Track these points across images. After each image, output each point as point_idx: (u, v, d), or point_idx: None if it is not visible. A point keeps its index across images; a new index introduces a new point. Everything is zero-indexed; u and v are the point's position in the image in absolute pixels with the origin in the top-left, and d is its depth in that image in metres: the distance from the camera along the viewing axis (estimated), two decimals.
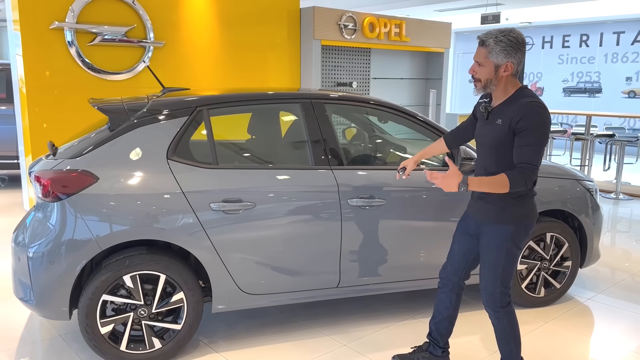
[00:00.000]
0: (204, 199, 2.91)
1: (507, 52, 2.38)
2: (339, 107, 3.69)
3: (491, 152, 2.52)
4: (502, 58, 2.39)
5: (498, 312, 2.62)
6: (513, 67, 2.41)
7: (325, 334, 3.37)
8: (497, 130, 2.45)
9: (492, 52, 2.40)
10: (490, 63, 2.41)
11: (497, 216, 2.52)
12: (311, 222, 3.12)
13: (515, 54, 2.38)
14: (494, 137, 2.47)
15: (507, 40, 2.37)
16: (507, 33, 2.39)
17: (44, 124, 5.01)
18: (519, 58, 2.41)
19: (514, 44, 2.37)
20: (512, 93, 2.45)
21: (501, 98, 2.48)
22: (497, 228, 2.53)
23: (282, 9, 6.56)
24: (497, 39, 2.38)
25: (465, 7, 9.72)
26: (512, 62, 2.39)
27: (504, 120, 2.41)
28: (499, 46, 2.38)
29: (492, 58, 2.40)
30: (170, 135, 2.97)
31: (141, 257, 2.86)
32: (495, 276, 2.56)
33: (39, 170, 2.90)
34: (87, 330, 2.82)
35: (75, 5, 5.03)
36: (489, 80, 2.44)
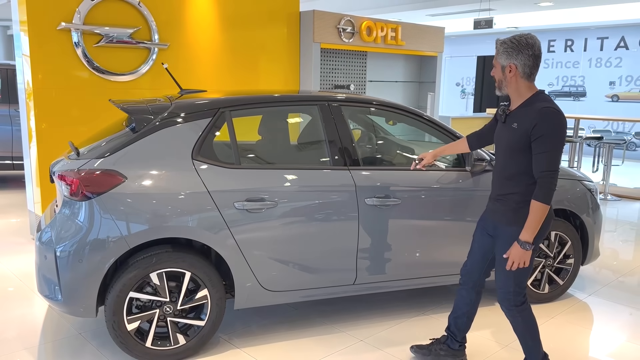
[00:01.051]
0: (228, 198, 2.99)
1: (508, 53, 2.45)
2: (354, 110, 3.78)
3: (506, 155, 2.59)
4: (504, 59, 2.48)
5: (512, 310, 2.70)
6: (517, 69, 2.46)
7: (341, 330, 3.46)
8: (513, 134, 2.51)
9: (498, 53, 2.52)
10: (497, 64, 2.54)
11: (512, 218, 2.59)
12: (329, 221, 3.22)
13: (517, 55, 2.44)
14: (509, 141, 2.53)
15: (510, 42, 2.45)
16: (514, 36, 2.47)
17: (50, 124, 5.01)
18: (522, 60, 2.44)
19: (515, 46, 2.43)
20: (527, 97, 2.51)
21: (517, 101, 2.55)
22: (511, 230, 2.58)
23: (282, 12, 6.64)
24: (503, 42, 2.49)
25: (458, 12, 9.92)
26: (514, 64, 2.45)
27: (519, 124, 2.48)
28: (502, 47, 2.48)
29: (499, 59, 2.52)
30: (195, 136, 3.04)
31: (168, 255, 2.92)
32: (509, 275, 2.62)
33: (63, 170, 2.94)
34: (114, 327, 2.87)
35: (82, 7, 5.04)
36: (500, 81, 2.55)
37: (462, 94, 15.46)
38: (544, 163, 2.41)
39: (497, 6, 9.12)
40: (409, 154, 4.05)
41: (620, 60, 12.40)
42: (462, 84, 15.49)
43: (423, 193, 3.44)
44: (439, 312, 3.74)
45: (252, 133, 3.88)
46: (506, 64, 2.48)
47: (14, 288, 4.06)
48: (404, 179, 3.42)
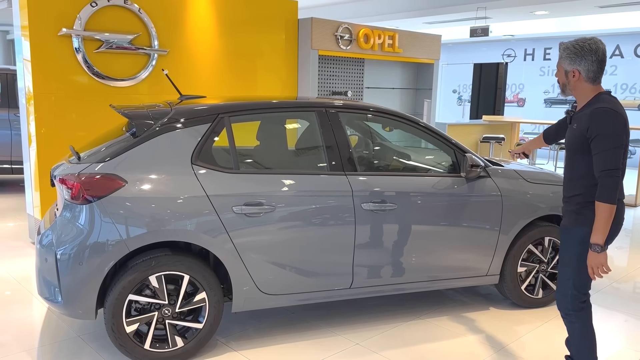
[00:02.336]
0: (226, 202, 3.03)
1: (571, 59, 2.45)
2: (352, 116, 3.84)
3: (569, 156, 2.61)
4: (567, 64, 2.48)
5: (570, 315, 2.62)
6: (580, 74, 2.46)
7: (337, 333, 3.50)
8: (573, 135, 2.53)
9: (561, 58, 2.52)
10: (561, 69, 2.55)
11: (574, 219, 2.57)
12: (326, 225, 3.27)
13: (580, 61, 2.43)
14: (571, 142, 2.56)
15: (572, 48, 2.45)
16: (577, 41, 2.46)
17: (50, 128, 5.05)
18: (585, 65, 2.43)
19: (578, 51, 2.43)
20: (590, 99, 2.51)
21: (582, 103, 2.55)
22: (573, 230, 2.57)
23: (281, 19, 6.72)
24: (566, 46, 2.48)
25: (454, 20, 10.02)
26: (577, 69, 2.46)
27: (578, 125, 2.50)
28: (565, 53, 2.48)
29: (562, 64, 2.52)
30: (194, 141, 3.09)
31: (167, 258, 2.96)
32: (568, 277, 2.57)
33: (65, 174, 2.99)
34: (114, 329, 2.91)
35: (83, 13, 5.10)
36: (563, 84, 2.56)
37: (459, 101, 15.55)
38: (601, 163, 2.40)
39: (493, 14, 9.22)
40: (405, 160, 4.11)
41: (616, 68, 12.52)
42: (459, 90, 15.59)
43: (419, 198, 3.49)
44: (435, 316, 3.79)
45: (252, 138, 3.94)
46: (569, 69, 2.48)
47: (12, 291, 4.09)
48: (400, 185, 3.47)
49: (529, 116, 13.75)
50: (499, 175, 3.74)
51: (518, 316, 3.82)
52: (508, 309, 3.94)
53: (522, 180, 3.81)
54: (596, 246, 2.42)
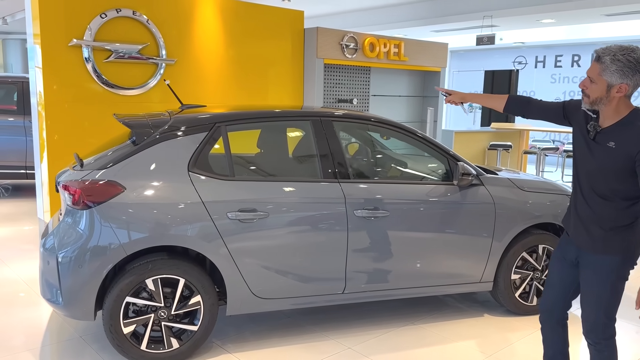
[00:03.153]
0: (221, 208, 3.14)
1: (624, 72, 2.19)
2: (345, 125, 3.93)
3: (601, 175, 2.33)
4: (616, 78, 2.20)
5: (600, 344, 2.46)
6: (628, 89, 2.23)
7: (331, 337, 3.58)
8: (610, 155, 2.27)
9: (607, 70, 2.21)
10: (602, 81, 2.24)
11: (603, 245, 2.36)
12: (319, 232, 3.35)
13: (633, 75, 2.19)
14: (606, 161, 2.29)
15: (626, 60, 2.17)
16: (628, 52, 2.19)
17: (61, 135, 5.22)
18: (636, 80, 2.21)
19: (633, 65, 2.18)
20: (625, 114, 2.28)
21: (612, 118, 2.30)
22: (602, 259, 2.37)
23: (287, 29, 6.84)
24: (614, 57, 2.19)
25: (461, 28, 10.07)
26: (627, 84, 2.21)
27: (618, 144, 2.25)
28: (615, 65, 2.19)
29: (606, 77, 2.22)
30: (191, 149, 3.20)
31: (163, 262, 3.07)
32: (598, 307, 2.40)
33: (67, 180, 3.12)
34: (111, 330, 3.02)
35: (93, 24, 5.28)
36: (598, 98, 2.28)
37: (470, 108, 15.55)
38: None
39: (500, 22, 9.26)
40: (400, 168, 4.18)
41: None
42: None
43: (411, 206, 3.56)
44: (428, 322, 3.84)
45: (250, 146, 4.05)
46: (617, 83, 2.21)
47: (20, 292, 4.23)
48: (392, 192, 3.55)
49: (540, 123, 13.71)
50: (492, 183, 3.79)
51: (511, 323, 3.86)
52: (502, 315, 3.98)
53: (516, 188, 3.86)
54: None
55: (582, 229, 2.43)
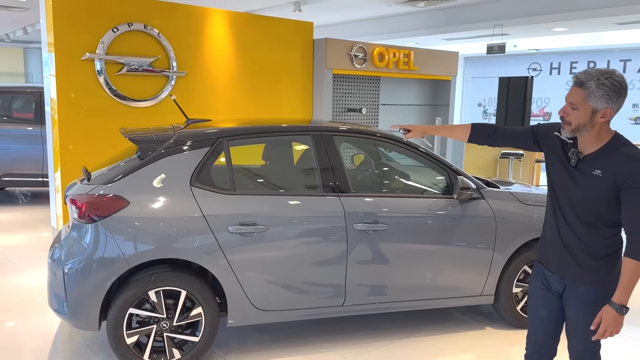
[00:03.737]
0: (222, 222, 3.21)
1: (609, 97, 2.11)
2: (346, 139, 3.98)
3: (587, 204, 2.24)
4: (602, 103, 2.12)
5: None
6: (612, 114, 2.15)
7: (330, 349, 3.62)
8: (597, 183, 2.19)
9: (592, 95, 2.13)
10: (587, 107, 2.15)
11: (590, 276, 2.27)
12: (319, 245, 3.40)
13: (617, 99, 2.13)
14: (593, 190, 2.20)
15: (611, 85, 2.11)
16: (610, 76, 2.13)
17: (72, 145, 5.37)
18: (619, 104, 2.15)
19: (618, 89, 2.12)
20: (607, 140, 2.19)
21: (594, 145, 2.21)
22: (589, 290, 2.28)
23: (297, 40, 6.93)
24: (599, 81, 2.12)
25: (472, 37, 10.06)
26: (612, 108, 2.14)
27: (605, 172, 2.16)
28: (601, 90, 2.11)
29: (591, 102, 2.13)
30: (194, 164, 3.28)
31: (165, 274, 3.16)
32: (587, 338, 2.30)
33: (75, 194, 3.23)
34: (115, 340, 3.11)
35: (106, 38, 5.42)
36: (581, 125, 2.18)
37: (484, 115, 15.47)
38: None
39: (511, 31, 9.24)
40: (401, 181, 4.21)
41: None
42: (484, 104, 15.51)
43: (410, 219, 3.60)
44: (428, 335, 3.86)
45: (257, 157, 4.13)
46: (602, 108, 2.13)
47: (32, 300, 4.36)
48: (392, 206, 3.59)
49: None
50: (493, 196, 3.81)
51: (513, 336, 3.86)
52: (504, 329, 3.98)
53: (517, 201, 3.87)
54: (622, 307, 2.15)
55: (569, 259, 2.32)
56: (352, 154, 5.23)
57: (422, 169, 4.02)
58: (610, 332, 2.18)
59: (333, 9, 9.87)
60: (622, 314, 2.15)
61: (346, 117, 7.61)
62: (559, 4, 8.08)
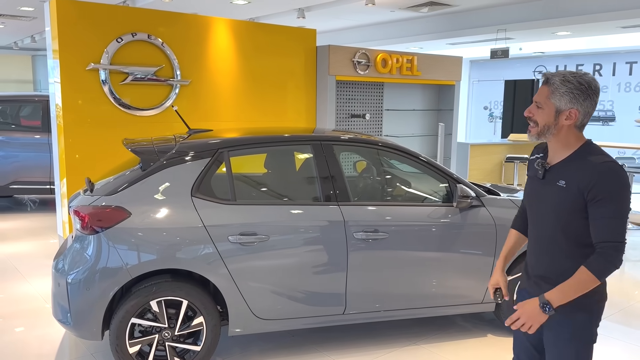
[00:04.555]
0: (222, 232, 3.25)
1: (574, 95, 1.99)
2: (346, 148, 4.01)
3: (551, 218, 2.08)
4: (565, 102, 2.00)
5: None
6: (577, 116, 2.00)
7: (331, 356, 3.64)
8: (560, 194, 2.03)
9: (556, 92, 2.01)
10: (551, 106, 2.03)
11: (565, 307, 2.02)
12: (319, 254, 3.43)
13: (584, 101, 1.99)
14: (556, 202, 2.05)
15: (577, 83, 1.99)
16: (579, 75, 2.01)
17: (77, 154, 5.44)
18: (586, 107, 2.00)
19: (584, 89, 1.98)
20: (576, 148, 2.04)
21: (561, 153, 2.07)
22: (564, 318, 2.05)
23: (300, 47, 6.97)
24: (564, 78, 2.01)
25: (476, 41, 10.07)
26: (577, 110, 2.00)
27: (569, 182, 2.00)
28: (565, 87, 2.00)
29: (555, 100, 2.02)
30: (195, 174, 3.33)
31: (167, 284, 3.20)
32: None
33: (78, 205, 3.27)
34: (117, 350, 3.15)
35: (110, 48, 5.49)
36: (546, 126, 2.05)
37: (490, 117, 15.44)
38: (607, 232, 1.94)
39: (515, 35, 9.23)
40: (401, 190, 4.23)
41: None
42: (490, 107, 15.48)
43: (410, 228, 3.62)
44: (430, 342, 3.87)
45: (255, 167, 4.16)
46: (566, 108, 2.00)
47: (38, 308, 4.42)
48: (392, 214, 3.61)
49: None
50: (493, 204, 3.82)
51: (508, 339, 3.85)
52: (506, 336, 3.98)
53: (517, 209, 3.86)
54: (548, 305, 1.97)
55: (539, 284, 2.12)
56: (355, 161, 5.26)
57: (423, 177, 4.04)
58: (523, 324, 2.01)
59: (337, 15, 9.92)
60: (545, 312, 1.97)
61: (350, 123, 7.64)
62: (562, 8, 8.07)
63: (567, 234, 2.04)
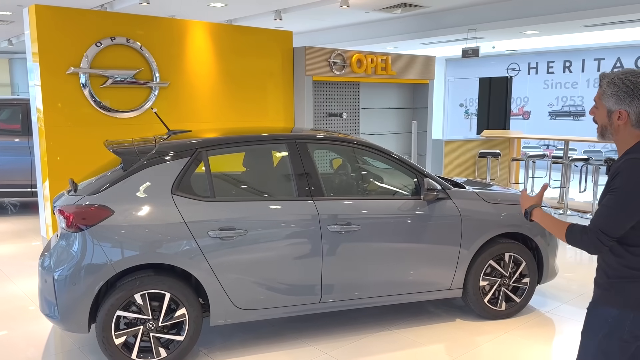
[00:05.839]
0: (202, 228, 3.42)
1: (619, 97, 2.01)
2: (320, 146, 4.21)
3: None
4: (612, 103, 2.03)
5: None
6: (628, 117, 2.02)
7: (309, 344, 3.84)
8: (604, 191, 2.09)
9: (604, 94, 2.06)
10: (603, 107, 2.08)
11: (601, 296, 2.09)
12: (295, 246, 3.63)
13: (631, 101, 1.99)
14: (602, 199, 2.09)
15: (622, 84, 2.00)
16: (627, 75, 2.01)
17: (59, 156, 5.55)
18: (636, 107, 1.99)
19: (630, 90, 1.98)
20: (630, 147, 2.05)
21: (622, 151, 2.10)
22: (596, 311, 2.10)
23: (277, 49, 7.15)
24: (612, 80, 2.03)
25: (448, 41, 10.35)
26: (626, 111, 2.01)
27: (609, 179, 2.06)
28: (611, 89, 2.03)
29: (605, 101, 2.06)
30: (175, 173, 3.49)
31: (149, 278, 3.36)
32: None
33: (62, 205, 3.42)
34: (104, 342, 3.31)
35: (89, 52, 5.61)
36: (604, 126, 2.10)
37: (466, 115, 15.80)
38: (602, 218, 1.99)
39: (485, 35, 9.53)
40: (377, 183, 4.45)
41: None
42: (466, 105, 15.83)
43: (381, 220, 3.83)
44: (403, 328, 4.10)
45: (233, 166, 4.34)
46: (615, 109, 2.04)
47: (23, 307, 4.54)
48: (363, 208, 3.82)
49: (535, 128, 13.92)
50: (459, 196, 4.05)
51: (481, 327, 4.11)
52: (474, 320, 4.22)
53: (482, 201, 4.12)
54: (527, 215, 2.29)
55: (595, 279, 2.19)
56: (331, 159, 5.48)
57: (394, 172, 4.25)
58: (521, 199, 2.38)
59: (314, 17, 10.12)
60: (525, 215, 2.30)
61: (327, 122, 7.84)
62: (529, 9, 8.39)
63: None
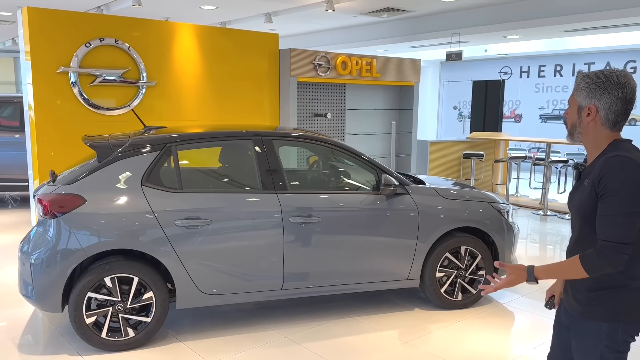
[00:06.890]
0: (169, 217, 3.68)
1: (590, 91, 1.90)
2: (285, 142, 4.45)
3: (577, 223, 2.02)
4: (583, 97, 1.92)
5: None
6: (598, 113, 1.91)
7: (272, 328, 4.09)
8: (582, 193, 1.96)
9: (577, 89, 1.96)
10: (574, 103, 1.97)
11: (586, 310, 1.99)
12: (258, 236, 3.87)
13: (601, 95, 1.88)
14: (579, 202, 1.98)
15: (595, 77, 1.89)
16: (605, 70, 1.91)
17: (51, 152, 5.83)
18: (607, 102, 1.89)
19: (602, 83, 1.87)
20: (604, 147, 1.94)
21: (593, 154, 1.98)
22: (586, 326, 2.00)
23: (263, 51, 7.41)
24: (586, 74, 1.93)
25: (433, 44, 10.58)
26: (595, 106, 1.90)
27: (589, 180, 1.93)
28: (584, 82, 1.92)
29: (576, 96, 1.96)
30: (145, 166, 3.75)
31: (119, 263, 3.62)
32: None
33: (41, 194, 3.69)
34: (75, 321, 3.57)
35: (79, 52, 5.90)
36: (573, 125, 1.99)
37: (459, 117, 16.00)
38: (607, 230, 1.84)
39: (469, 39, 9.75)
40: (343, 179, 4.69)
41: None
42: (459, 107, 16.04)
43: (341, 213, 4.07)
44: (363, 315, 4.33)
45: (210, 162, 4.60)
46: (585, 104, 1.92)
47: (11, 293, 4.81)
48: (324, 201, 4.06)
49: (526, 131, 14.11)
50: (417, 192, 4.29)
51: (436, 316, 4.34)
52: (431, 310, 4.46)
53: (438, 196, 4.35)
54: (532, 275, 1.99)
55: (567, 290, 2.10)
56: (308, 156, 5.73)
57: (361, 169, 4.50)
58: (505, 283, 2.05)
59: (303, 20, 10.38)
60: (528, 280, 2.00)
61: (313, 122, 8.09)
62: (511, 14, 8.60)
63: (590, 234, 1.93)
